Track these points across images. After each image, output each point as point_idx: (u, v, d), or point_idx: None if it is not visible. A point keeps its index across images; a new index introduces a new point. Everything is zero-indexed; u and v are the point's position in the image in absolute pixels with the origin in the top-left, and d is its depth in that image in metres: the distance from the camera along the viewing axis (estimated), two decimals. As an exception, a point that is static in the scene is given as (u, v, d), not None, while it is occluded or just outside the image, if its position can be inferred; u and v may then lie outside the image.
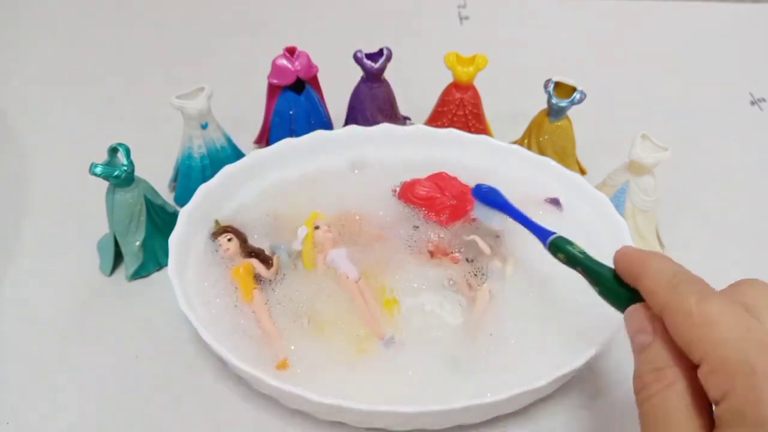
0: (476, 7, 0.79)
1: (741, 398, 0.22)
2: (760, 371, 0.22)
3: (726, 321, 0.24)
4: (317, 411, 0.36)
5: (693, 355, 0.24)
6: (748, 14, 0.79)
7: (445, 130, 0.50)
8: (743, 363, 0.23)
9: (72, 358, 0.41)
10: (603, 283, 0.31)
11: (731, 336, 0.24)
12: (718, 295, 0.26)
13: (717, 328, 0.24)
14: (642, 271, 0.28)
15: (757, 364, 0.22)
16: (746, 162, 0.58)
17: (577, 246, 0.34)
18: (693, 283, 0.26)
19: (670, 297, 0.26)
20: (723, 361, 0.23)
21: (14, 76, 0.67)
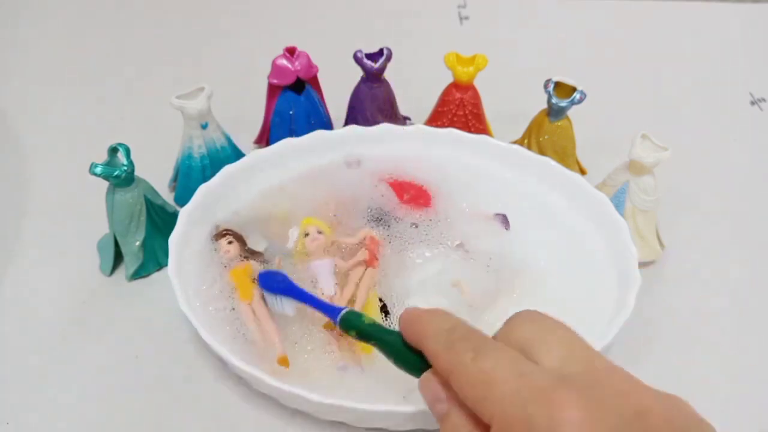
0: (476, 7, 0.79)
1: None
2: (540, 426, 0.22)
3: (501, 375, 0.24)
4: (317, 411, 0.36)
5: (482, 415, 0.24)
6: (748, 14, 0.79)
7: (445, 130, 0.50)
8: (523, 419, 0.23)
9: (72, 358, 0.41)
10: (395, 353, 0.30)
11: (507, 390, 0.23)
12: (492, 347, 0.25)
13: (494, 386, 0.24)
14: (423, 332, 0.28)
15: (534, 418, 0.22)
16: (746, 162, 0.58)
17: (367, 317, 0.33)
18: (468, 339, 0.26)
19: (448, 358, 0.26)
20: (507, 420, 0.23)
21: (14, 76, 0.67)
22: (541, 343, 0.25)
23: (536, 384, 0.23)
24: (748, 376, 0.42)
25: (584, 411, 0.22)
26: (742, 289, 0.47)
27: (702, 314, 0.45)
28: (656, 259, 0.47)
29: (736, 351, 0.43)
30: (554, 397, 0.22)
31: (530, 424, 0.22)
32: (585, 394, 0.23)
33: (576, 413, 0.22)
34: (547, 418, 0.22)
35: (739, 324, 0.44)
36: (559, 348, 0.25)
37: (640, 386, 0.24)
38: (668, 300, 0.45)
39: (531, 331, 0.26)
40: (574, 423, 0.22)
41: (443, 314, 0.29)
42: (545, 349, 0.25)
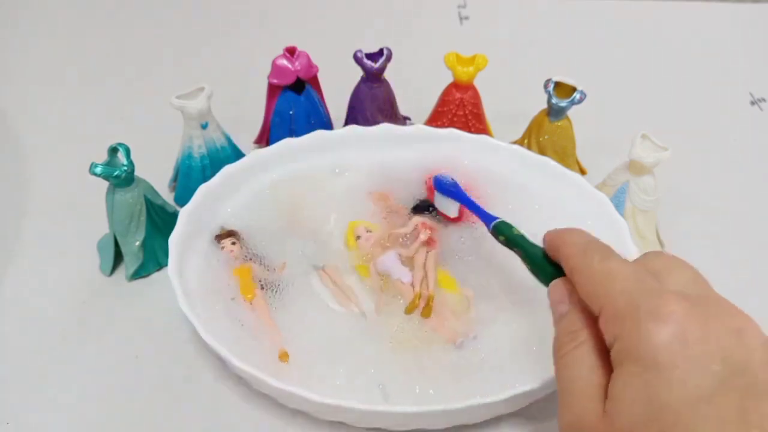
0: (476, 7, 0.79)
1: (627, 338, 0.24)
2: (644, 311, 0.24)
3: (621, 275, 0.26)
4: (317, 411, 0.36)
5: (594, 308, 0.27)
6: (748, 14, 0.79)
7: (445, 130, 0.50)
8: (630, 307, 0.25)
9: (72, 358, 0.41)
10: (533, 261, 0.34)
11: (624, 286, 0.26)
12: (618, 256, 0.28)
13: (613, 281, 0.26)
14: (561, 242, 0.31)
15: (641, 306, 0.25)
16: (746, 162, 0.58)
17: (516, 229, 0.37)
18: (599, 248, 0.29)
19: (579, 259, 0.29)
20: (615, 308, 0.25)
21: (14, 76, 0.67)
22: (667, 272, 0.27)
23: (651, 286, 0.26)
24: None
25: (689, 310, 0.24)
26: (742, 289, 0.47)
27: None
28: (656, 259, 0.47)
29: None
30: (664, 297, 0.24)
31: (635, 311, 0.24)
32: (693, 303, 0.24)
33: (680, 308, 0.24)
34: (653, 308, 0.24)
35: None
36: (683, 276, 0.27)
37: (749, 318, 0.26)
38: (668, 300, 0.45)
39: (660, 263, 0.28)
40: (677, 315, 0.24)
41: (583, 231, 0.32)
42: (670, 277, 0.27)
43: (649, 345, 0.23)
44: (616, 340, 0.25)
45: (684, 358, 0.23)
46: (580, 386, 0.26)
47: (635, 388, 0.24)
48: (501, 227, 0.38)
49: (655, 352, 0.23)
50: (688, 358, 0.23)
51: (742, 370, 0.23)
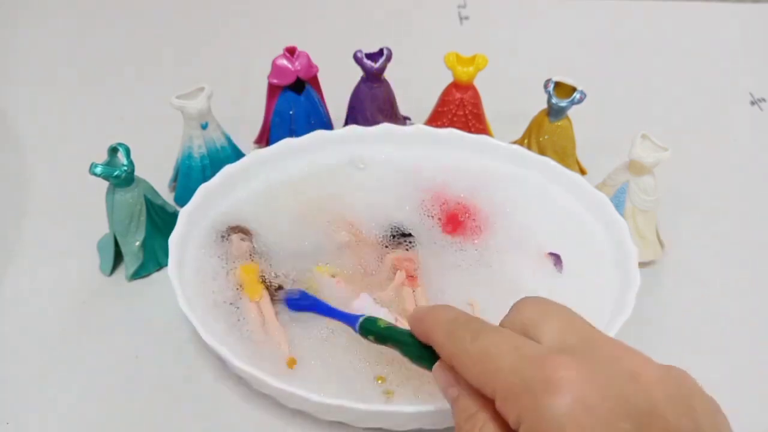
0: (476, 7, 0.79)
1: (530, 418, 0.23)
2: (535, 385, 0.23)
3: (498, 349, 0.25)
4: (317, 411, 0.36)
5: (486, 391, 0.25)
6: (748, 14, 0.79)
7: (445, 130, 0.50)
8: (522, 386, 0.23)
9: (72, 358, 0.41)
10: (410, 351, 0.31)
11: (506, 362, 0.24)
12: (489, 329, 0.27)
13: (492, 361, 0.25)
14: (429, 326, 0.29)
15: (531, 381, 0.23)
16: (746, 162, 0.58)
17: (383, 321, 0.34)
18: (467, 325, 0.27)
19: (451, 344, 0.27)
20: (507, 391, 0.24)
21: (14, 76, 0.67)
22: (541, 322, 0.26)
23: (532, 354, 0.24)
24: (749, 375, 0.42)
25: (578, 371, 0.23)
26: (742, 288, 0.47)
27: (702, 314, 0.45)
28: (656, 259, 0.47)
29: (736, 351, 0.43)
30: (549, 362, 0.23)
31: (528, 388, 0.23)
32: (579, 357, 0.24)
33: (571, 372, 0.23)
34: (544, 379, 0.23)
35: (740, 324, 0.44)
36: (558, 325, 0.26)
37: (636, 353, 0.25)
38: (668, 300, 0.45)
39: (532, 312, 0.27)
40: (570, 380, 0.23)
41: (446, 308, 0.30)
42: (545, 328, 0.26)
43: (552, 421, 0.22)
44: (520, 422, 0.24)
45: (591, 423, 0.22)
46: None
47: None
48: (366, 326, 0.35)
49: (562, 427, 0.22)
50: (596, 423, 0.22)
51: (650, 416, 0.22)
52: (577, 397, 0.22)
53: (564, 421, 0.22)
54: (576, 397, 0.22)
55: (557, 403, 0.22)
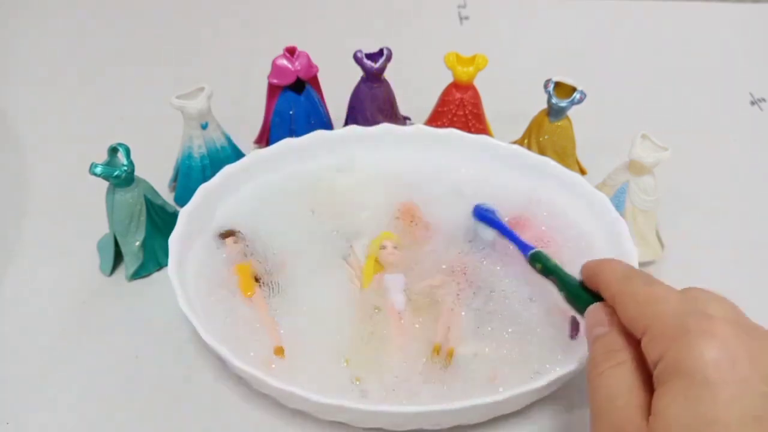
0: (476, 7, 0.79)
1: (674, 355, 0.25)
2: (693, 330, 0.25)
3: (668, 298, 0.27)
4: (317, 411, 0.36)
5: (637, 330, 0.27)
6: (748, 14, 0.79)
7: (445, 130, 0.50)
8: (679, 326, 0.25)
9: (72, 358, 0.41)
10: (570, 289, 0.35)
11: (670, 308, 0.27)
12: (662, 283, 0.29)
13: (658, 304, 0.27)
14: (600, 270, 0.32)
15: (690, 325, 0.25)
16: (746, 162, 0.58)
17: (552, 260, 0.38)
18: (642, 275, 0.30)
19: (622, 285, 0.30)
20: (663, 328, 0.26)
21: (14, 76, 0.67)
22: (708, 302, 0.27)
23: (699, 309, 0.26)
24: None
25: (736, 333, 0.25)
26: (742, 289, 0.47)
27: (702, 314, 0.45)
28: (656, 259, 0.47)
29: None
30: (711, 320, 0.25)
31: (686, 331, 0.25)
32: (739, 325, 0.26)
33: (729, 331, 0.25)
34: (703, 329, 0.25)
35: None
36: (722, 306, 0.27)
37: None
38: (668, 300, 0.45)
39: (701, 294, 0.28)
40: (726, 336, 0.24)
41: (623, 261, 0.33)
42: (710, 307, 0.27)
43: (698, 361, 0.24)
44: (661, 358, 0.25)
45: (733, 377, 0.23)
46: (620, 404, 0.26)
47: (683, 403, 0.24)
48: (538, 256, 0.39)
49: (705, 369, 0.24)
50: (738, 378, 0.23)
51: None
52: (729, 351, 0.24)
53: (709, 366, 0.24)
54: (727, 351, 0.24)
55: (708, 349, 0.24)
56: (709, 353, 0.24)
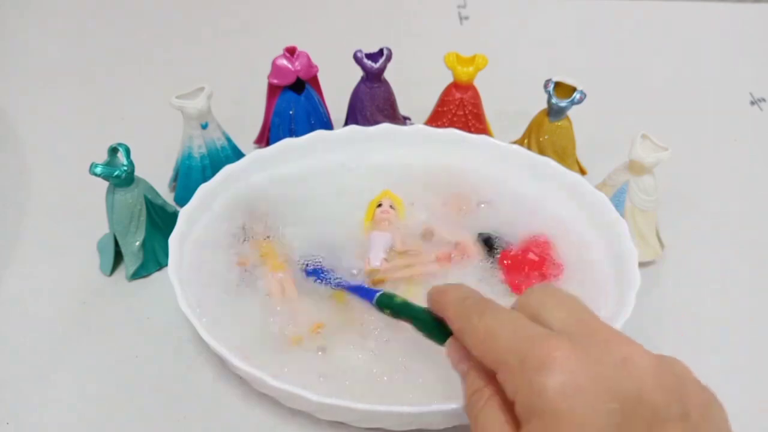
0: (476, 7, 0.79)
1: (523, 393, 0.24)
2: (530, 363, 0.24)
3: (501, 328, 0.27)
4: (317, 411, 0.36)
5: (489, 366, 0.27)
6: (748, 14, 0.79)
7: (445, 130, 0.50)
8: (518, 361, 0.25)
9: (72, 358, 0.41)
10: (424, 325, 0.33)
11: (506, 340, 0.26)
12: (495, 309, 0.28)
13: (496, 339, 0.26)
14: (444, 302, 0.31)
15: (526, 358, 0.25)
16: (746, 162, 0.58)
17: (398, 297, 0.35)
18: (476, 304, 0.29)
19: (460, 321, 0.29)
20: (504, 367, 0.25)
21: (14, 76, 0.67)
22: (547, 308, 0.27)
23: (530, 334, 0.26)
24: (749, 375, 0.42)
25: (571, 353, 0.24)
26: (742, 288, 0.47)
27: (702, 314, 0.45)
28: (656, 259, 0.47)
29: (736, 350, 0.43)
30: (545, 343, 0.25)
31: (523, 365, 0.24)
32: (575, 341, 0.25)
33: (564, 353, 0.24)
34: (538, 358, 0.24)
35: (739, 324, 0.44)
36: (559, 311, 0.27)
37: (631, 342, 0.26)
38: (668, 300, 0.45)
39: (540, 298, 0.28)
40: (562, 361, 0.24)
41: (462, 286, 0.31)
42: (550, 314, 0.27)
43: (543, 397, 0.23)
44: (515, 397, 0.25)
45: (580, 402, 0.23)
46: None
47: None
48: (383, 300, 0.36)
49: (552, 403, 0.23)
50: (584, 402, 0.23)
51: (638, 401, 0.23)
52: (568, 377, 0.23)
53: (553, 398, 0.23)
54: (566, 377, 0.23)
55: (548, 381, 0.23)
56: (551, 385, 0.23)
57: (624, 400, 0.23)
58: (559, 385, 0.23)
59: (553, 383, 0.23)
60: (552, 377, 0.23)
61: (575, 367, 0.24)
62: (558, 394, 0.23)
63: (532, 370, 0.24)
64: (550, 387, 0.23)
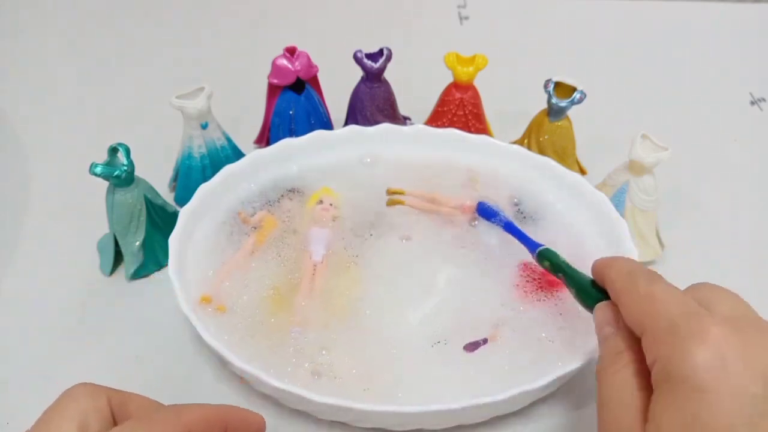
0: (476, 7, 0.79)
1: (667, 359, 0.25)
2: (684, 332, 0.25)
3: (665, 298, 0.27)
4: (317, 411, 0.36)
5: (637, 330, 0.28)
6: (748, 14, 0.79)
7: (445, 130, 0.50)
8: (671, 329, 0.25)
9: (72, 358, 0.41)
10: (578, 286, 0.35)
11: (667, 309, 0.26)
12: (665, 282, 0.29)
13: (657, 304, 0.27)
14: (608, 267, 0.32)
15: (681, 327, 0.25)
16: (746, 162, 0.58)
17: (561, 257, 0.38)
18: (645, 273, 0.30)
19: (624, 282, 0.30)
20: (657, 330, 0.26)
21: (14, 76, 0.67)
22: (713, 300, 0.27)
23: (694, 310, 0.26)
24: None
25: (728, 334, 0.24)
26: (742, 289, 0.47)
27: (702, 314, 0.45)
28: (656, 259, 0.47)
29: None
30: (705, 320, 0.25)
31: (678, 333, 0.25)
32: (734, 326, 0.25)
33: (721, 332, 0.24)
34: (695, 330, 0.25)
35: (739, 324, 0.44)
36: (725, 303, 0.27)
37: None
38: (668, 300, 0.45)
39: (708, 291, 0.28)
40: (717, 338, 0.24)
41: (630, 258, 0.33)
42: (714, 304, 0.27)
43: (688, 366, 0.24)
44: (656, 361, 0.25)
45: (724, 380, 0.23)
46: (622, 409, 0.26)
47: (674, 410, 0.24)
48: (546, 254, 0.39)
49: (695, 374, 0.23)
50: (728, 381, 0.23)
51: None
52: (719, 353, 0.24)
53: (699, 371, 0.23)
54: (718, 353, 0.24)
55: (699, 352, 0.24)
56: (699, 357, 0.24)
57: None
58: (708, 359, 0.23)
59: (702, 355, 0.24)
60: (703, 349, 0.24)
61: (729, 345, 0.24)
62: (706, 369, 0.23)
63: (685, 338, 0.24)
64: (699, 358, 0.24)
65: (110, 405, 0.28)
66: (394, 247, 0.44)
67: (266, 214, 0.46)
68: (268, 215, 0.46)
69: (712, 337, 0.24)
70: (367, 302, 0.41)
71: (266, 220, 0.45)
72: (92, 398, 0.28)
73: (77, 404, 0.27)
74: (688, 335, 0.24)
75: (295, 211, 0.46)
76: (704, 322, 0.25)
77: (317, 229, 0.45)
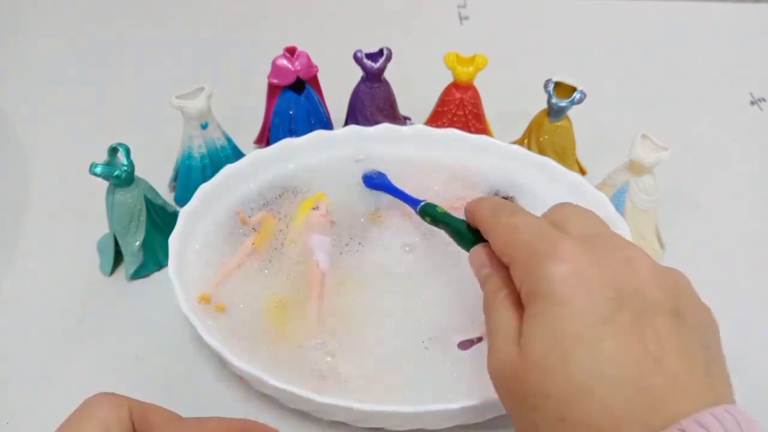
0: (476, 7, 0.79)
1: (530, 280, 0.27)
2: (542, 254, 0.27)
3: (524, 226, 0.29)
4: (317, 411, 0.36)
5: (505, 260, 0.29)
6: (748, 14, 0.79)
7: (445, 130, 0.50)
8: (530, 253, 0.27)
9: (72, 358, 0.41)
10: (457, 232, 0.36)
11: (527, 236, 0.28)
12: (524, 212, 0.31)
13: (518, 233, 0.29)
14: (477, 208, 0.34)
15: (538, 250, 0.27)
16: (746, 162, 0.58)
17: (440, 208, 0.39)
18: (507, 206, 0.32)
19: (489, 219, 0.32)
20: (520, 257, 0.28)
21: (14, 76, 0.67)
22: (569, 219, 0.29)
23: (550, 233, 0.28)
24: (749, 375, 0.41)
25: (581, 249, 0.26)
26: (742, 289, 0.47)
27: (702, 314, 0.45)
28: (656, 259, 0.47)
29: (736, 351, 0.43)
30: (559, 240, 0.27)
31: (536, 255, 0.27)
32: (587, 242, 0.27)
33: (574, 249, 0.26)
34: (549, 250, 0.27)
35: (740, 324, 0.44)
36: (578, 220, 0.29)
37: (639, 249, 0.27)
38: (668, 300, 0.45)
39: (561, 212, 0.30)
40: (571, 254, 0.26)
41: (496, 197, 0.36)
42: (571, 223, 0.29)
43: (548, 282, 0.26)
44: (522, 284, 0.27)
45: (581, 289, 0.25)
46: (502, 334, 0.28)
47: (541, 322, 0.26)
48: (426, 209, 0.40)
49: (552, 288, 0.25)
50: (585, 290, 0.25)
51: (634, 293, 0.25)
52: (574, 268, 0.26)
53: (558, 285, 0.25)
54: (573, 268, 0.26)
55: (554, 268, 0.26)
56: (555, 273, 0.26)
57: (623, 290, 0.25)
58: (564, 274, 0.25)
59: (558, 270, 0.26)
60: (558, 266, 0.26)
61: (581, 260, 0.26)
62: (561, 281, 0.25)
63: (541, 258, 0.26)
64: (555, 273, 0.26)
65: (132, 417, 0.28)
66: (391, 250, 0.44)
67: (266, 214, 0.45)
68: (268, 215, 0.45)
69: (565, 253, 0.26)
70: (366, 305, 0.41)
71: (266, 221, 0.45)
72: (114, 409, 0.28)
73: (99, 415, 0.27)
74: (543, 254, 0.26)
75: (295, 211, 0.46)
76: (557, 241, 0.27)
77: (318, 236, 0.44)
